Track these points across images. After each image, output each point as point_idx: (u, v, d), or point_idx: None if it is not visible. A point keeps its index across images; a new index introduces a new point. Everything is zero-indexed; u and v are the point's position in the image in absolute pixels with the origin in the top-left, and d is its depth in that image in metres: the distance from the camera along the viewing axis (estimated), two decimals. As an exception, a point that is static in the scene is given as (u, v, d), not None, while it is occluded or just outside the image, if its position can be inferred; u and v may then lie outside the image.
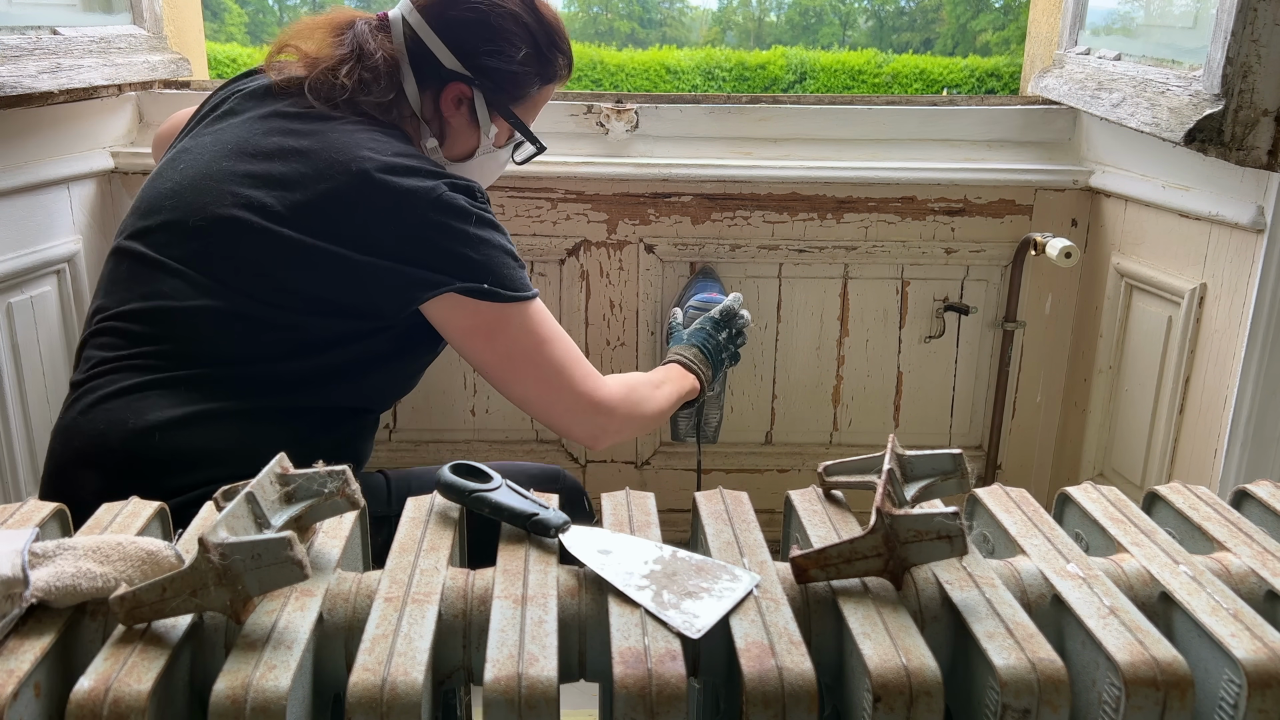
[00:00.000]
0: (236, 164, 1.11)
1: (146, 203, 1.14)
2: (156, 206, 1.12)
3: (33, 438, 1.49)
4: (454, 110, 1.22)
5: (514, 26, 1.19)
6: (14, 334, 1.44)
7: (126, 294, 1.10)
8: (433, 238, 1.08)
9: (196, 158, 1.14)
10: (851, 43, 19.63)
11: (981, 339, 1.74)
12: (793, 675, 0.59)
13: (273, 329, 1.08)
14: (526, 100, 1.25)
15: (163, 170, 1.17)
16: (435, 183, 1.09)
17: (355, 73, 1.16)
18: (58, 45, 1.42)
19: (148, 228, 1.12)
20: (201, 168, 1.12)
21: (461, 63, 1.19)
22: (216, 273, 1.08)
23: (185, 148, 1.18)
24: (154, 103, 1.68)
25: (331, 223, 1.07)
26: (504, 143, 1.28)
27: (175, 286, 1.08)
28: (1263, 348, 1.27)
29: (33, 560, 0.64)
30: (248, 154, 1.12)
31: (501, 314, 1.11)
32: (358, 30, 1.20)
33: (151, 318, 1.08)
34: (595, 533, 0.73)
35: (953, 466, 0.77)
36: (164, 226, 1.11)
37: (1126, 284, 1.57)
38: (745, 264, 1.69)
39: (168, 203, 1.12)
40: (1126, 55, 1.50)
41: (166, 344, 1.07)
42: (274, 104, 1.17)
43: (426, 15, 1.19)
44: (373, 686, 0.57)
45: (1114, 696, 0.61)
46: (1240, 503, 0.83)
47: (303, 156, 1.10)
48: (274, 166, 1.10)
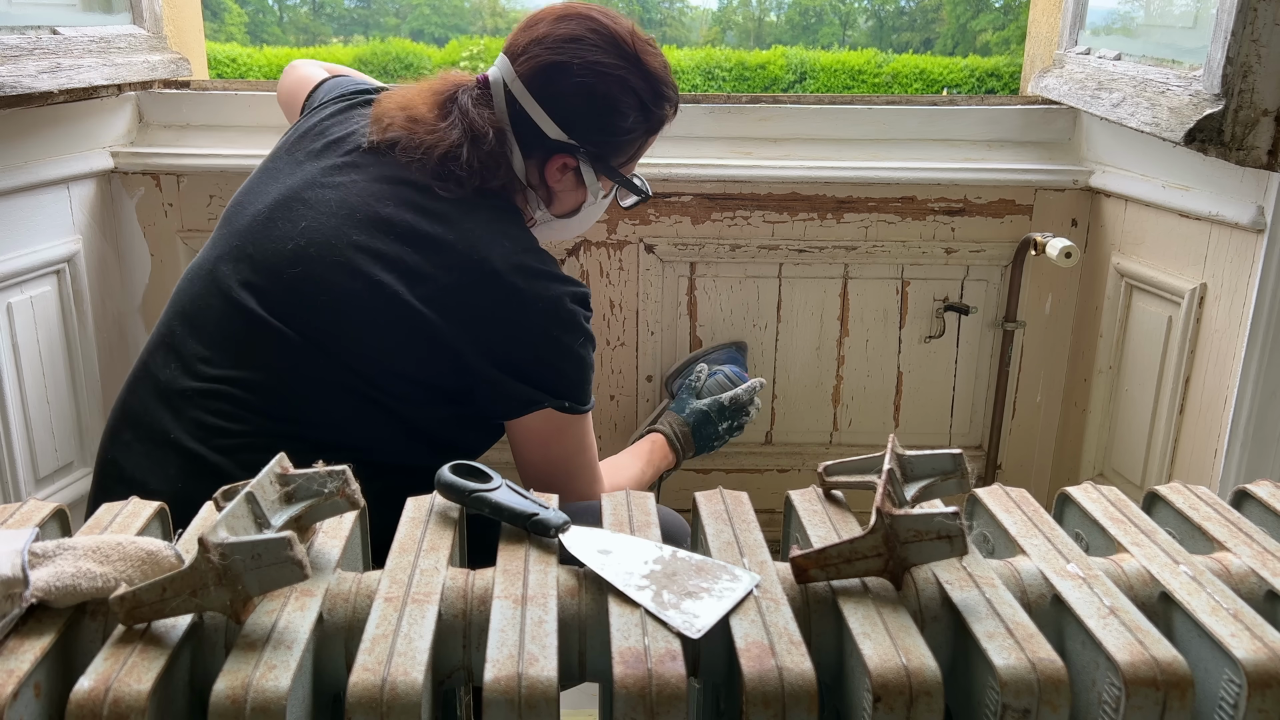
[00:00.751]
0: (368, 239, 1.08)
1: (263, 251, 1.09)
2: (276, 268, 1.08)
3: (32, 438, 1.49)
4: (559, 177, 1.19)
5: (621, 93, 1.15)
6: (14, 334, 1.44)
7: (244, 357, 1.07)
8: (544, 355, 1.10)
9: (319, 215, 1.10)
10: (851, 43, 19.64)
11: (981, 339, 1.74)
12: (793, 675, 0.59)
13: (387, 415, 1.08)
14: (633, 156, 1.23)
15: (276, 211, 1.12)
16: (560, 291, 1.10)
17: (474, 159, 1.13)
18: (57, 45, 1.42)
19: (266, 289, 1.08)
20: (329, 234, 1.09)
21: (567, 134, 1.15)
22: (342, 356, 1.06)
23: (298, 193, 1.13)
24: (154, 103, 1.68)
25: (455, 318, 1.07)
26: (609, 193, 1.27)
27: (296, 363, 1.06)
28: (1263, 348, 1.27)
29: (33, 560, 0.64)
30: (379, 229, 1.09)
31: (567, 423, 1.13)
32: (461, 104, 1.15)
33: (273, 393, 1.06)
34: (595, 533, 0.73)
35: (953, 466, 0.77)
36: (289, 293, 1.07)
37: (1126, 284, 1.57)
38: (745, 264, 1.69)
39: (291, 269, 1.08)
40: (1126, 55, 1.50)
41: (286, 424, 1.06)
42: (399, 170, 1.13)
43: (531, 86, 1.14)
44: (373, 686, 0.57)
45: (1114, 696, 0.61)
46: (1240, 503, 0.83)
47: (435, 245, 1.08)
48: (406, 251, 1.08)
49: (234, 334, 1.08)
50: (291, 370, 1.06)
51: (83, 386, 1.59)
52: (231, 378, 1.06)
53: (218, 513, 0.72)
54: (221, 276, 1.10)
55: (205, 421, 1.05)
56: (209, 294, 1.10)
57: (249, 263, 1.10)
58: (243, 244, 1.11)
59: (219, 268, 1.11)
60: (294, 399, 1.06)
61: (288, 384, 1.06)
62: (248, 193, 1.18)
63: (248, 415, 1.05)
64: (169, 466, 1.05)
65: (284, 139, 1.25)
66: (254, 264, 1.09)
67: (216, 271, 1.11)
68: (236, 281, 1.09)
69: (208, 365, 1.07)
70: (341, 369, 1.07)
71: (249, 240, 1.11)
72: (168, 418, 1.07)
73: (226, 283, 1.10)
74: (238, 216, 1.15)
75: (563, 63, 1.13)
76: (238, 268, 1.10)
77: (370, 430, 1.08)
